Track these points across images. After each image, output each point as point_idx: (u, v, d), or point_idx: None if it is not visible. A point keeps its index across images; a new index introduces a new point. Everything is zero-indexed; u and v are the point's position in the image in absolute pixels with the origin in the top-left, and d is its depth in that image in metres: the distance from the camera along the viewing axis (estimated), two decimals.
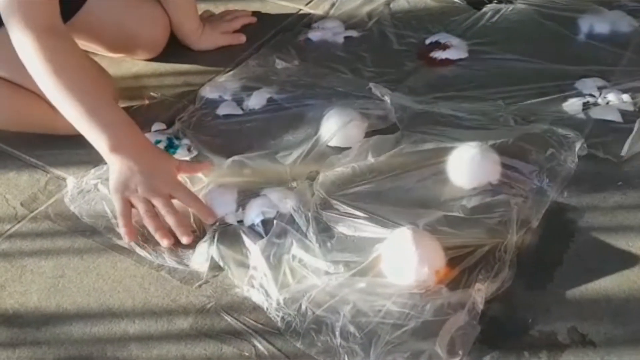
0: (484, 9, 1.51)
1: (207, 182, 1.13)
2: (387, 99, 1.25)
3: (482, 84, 1.30)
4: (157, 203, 1.06)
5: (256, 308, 0.95)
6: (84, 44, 1.38)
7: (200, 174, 1.15)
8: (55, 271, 1.03)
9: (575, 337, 0.89)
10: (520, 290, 0.95)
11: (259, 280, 0.97)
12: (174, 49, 1.45)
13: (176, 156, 1.18)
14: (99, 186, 1.13)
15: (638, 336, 0.88)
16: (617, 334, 0.89)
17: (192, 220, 1.08)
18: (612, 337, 0.89)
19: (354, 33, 1.48)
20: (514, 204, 1.04)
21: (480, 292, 0.91)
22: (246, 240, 1.02)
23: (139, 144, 1.10)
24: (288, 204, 1.07)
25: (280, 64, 1.39)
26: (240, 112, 1.30)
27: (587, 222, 1.03)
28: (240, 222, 1.07)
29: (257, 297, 0.96)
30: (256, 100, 1.30)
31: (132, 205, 1.06)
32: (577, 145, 1.13)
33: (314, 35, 1.48)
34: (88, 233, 1.08)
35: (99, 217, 1.10)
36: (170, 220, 1.05)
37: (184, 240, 1.03)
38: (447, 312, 0.90)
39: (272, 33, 1.50)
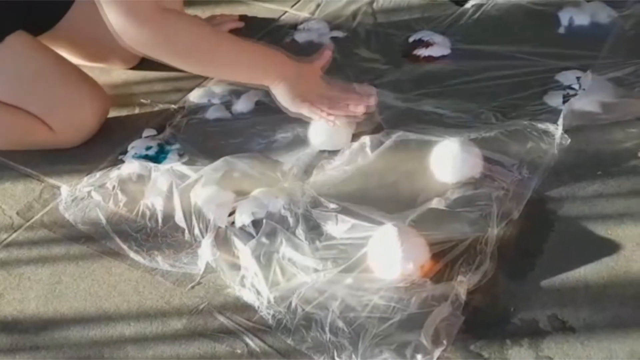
0: (466, 6, 1.53)
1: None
2: None
3: (464, 80, 1.32)
4: (337, 91, 1.21)
5: (248, 307, 0.98)
6: (64, 54, 1.39)
7: None
8: (52, 278, 1.06)
9: (555, 324, 0.92)
10: (502, 280, 0.97)
11: (250, 280, 1.00)
12: None
13: (167, 161, 1.20)
14: (92, 193, 1.16)
15: (616, 321, 0.91)
16: (596, 320, 0.92)
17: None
18: (591, 322, 0.91)
19: (339, 33, 1.50)
20: (495, 197, 1.06)
21: (462, 284, 0.94)
22: (237, 241, 1.05)
23: (287, 61, 1.21)
24: (278, 203, 1.09)
25: None
26: (229, 115, 1.32)
27: (567, 211, 1.06)
28: (232, 223, 1.09)
29: (249, 297, 0.99)
30: (244, 104, 1.33)
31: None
32: (557, 138, 1.15)
33: (300, 36, 1.50)
34: (83, 240, 1.11)
35: (93, 223, 1.12)
36: (351, 100, 1.20)
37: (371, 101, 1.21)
38: (432, 304, 0.93)
39: (259, 36, 1.51)
